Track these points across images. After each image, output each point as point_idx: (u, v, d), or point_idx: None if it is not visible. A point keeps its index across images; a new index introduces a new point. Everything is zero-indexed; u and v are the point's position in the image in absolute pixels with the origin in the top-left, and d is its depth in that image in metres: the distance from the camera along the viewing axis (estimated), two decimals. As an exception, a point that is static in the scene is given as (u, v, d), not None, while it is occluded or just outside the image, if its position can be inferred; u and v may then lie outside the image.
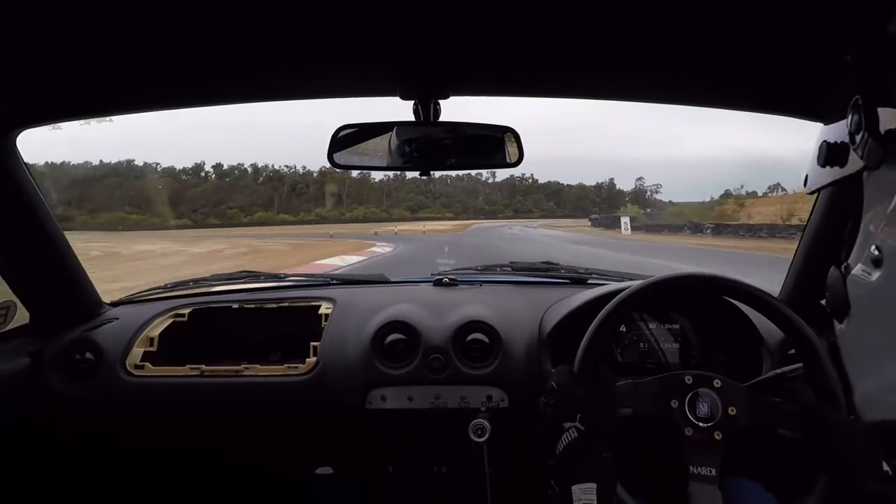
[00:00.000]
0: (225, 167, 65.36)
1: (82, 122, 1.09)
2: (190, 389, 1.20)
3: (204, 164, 64.81)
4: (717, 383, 0.86)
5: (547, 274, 1.50)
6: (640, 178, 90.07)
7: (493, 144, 0.97)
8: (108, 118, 1.06)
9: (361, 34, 0.74)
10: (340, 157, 0.95)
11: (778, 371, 0.97)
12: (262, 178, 66.30)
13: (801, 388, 0.86)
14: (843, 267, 0.45)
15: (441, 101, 0.91)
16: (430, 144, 0.95)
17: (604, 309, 0.95)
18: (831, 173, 0.52)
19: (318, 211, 60.77)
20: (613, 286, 1.18)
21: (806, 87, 0.86)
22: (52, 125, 1.03)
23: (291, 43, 0.77)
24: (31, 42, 0.72)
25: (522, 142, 0.96)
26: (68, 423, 1.24)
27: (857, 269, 0.41)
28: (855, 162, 0.46)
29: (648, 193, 78.31)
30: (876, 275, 0.38)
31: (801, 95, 0.90)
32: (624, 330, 1.19)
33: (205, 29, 0.72)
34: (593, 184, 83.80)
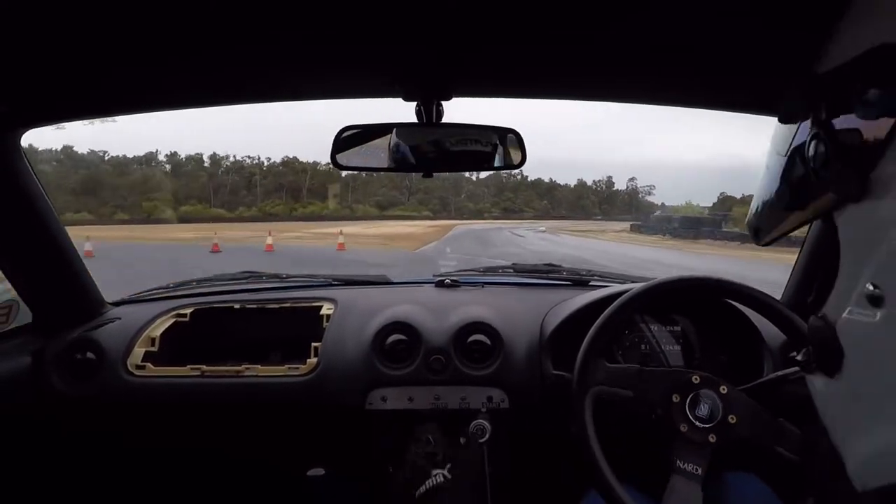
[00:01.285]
0: (182, 157, 55.92)
1: (86, 122, 1.09)
2: (191, 390, 1.20)
3: (158, 152, 55.44)
4: (723, 389, 0.85)
5: (549, 275, 1.50)
6: (632, 179, 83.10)
7: (496, 146, 0.97)
8: (111, 118, 1.06)
9: (364, 36, 0.74)
10: (343, 158, 0.95)
11: (779, 373, 0.97)
12: (222, 170, 57.00)
13: (802, 398, 0.86)
14: (820, 315, 0.39)
15: (444, 103, 0.92)
16: (433, 145, 0.95)
17: (604, 312, 0.96)
18: (797, 217, 0.45)
19: (266, 206, 52.40)
20: (615, 288, 1.18)
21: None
22: (56, 125, 1.03)
23: (294, 44, 0.78)
24: (35, 42, 0.72)
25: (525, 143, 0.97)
26: (69, 422, 1.24)
27: (850, 312, 0.36)
28: (822, 200, 0.40)
29: (641, 195, 75.07)
30: (879, 314, 0.33)
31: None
32: (625, 332, 1.19)
33: (209, 30, 0.72)
34: (591, 181, 78.00)
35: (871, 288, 0.34)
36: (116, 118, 1.08)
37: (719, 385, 0.85)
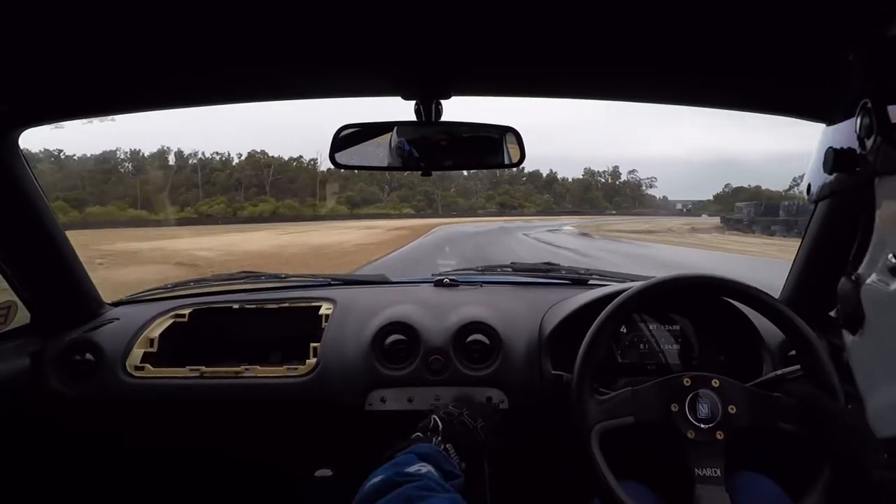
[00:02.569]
0: (146, 154, 49.20)
1: (85, 121, 1.09)
2: (190, 391, 1.20)
3: (117, 150, 48.44)
4: (715, 383, 0.86)
5: (548, 275, 1.50)
6: (632, 171, 78.87)
7: (495, 144, 0.97)
8: (110, 117, 1.06)
9: (363, 35, 0.74)
10: (342, 157, 0.95)
11: (778, 372, 0.97)
12: (188, 168, 50.01)
13: (800, 384, 0.86)
14: (853, 277, 0.43)
15: (443, 102, 0.92)
16: (432, 144, 0.95)
17: (603, 312, 0.95)
18: (838, 180, 0.50)
19: (203, 205, 44.10)
20: (614, 287, 1.18)
21: (809, 87, 0.86)
22: (55, 124, 1.03)
23: (293, 43, 0.78)
24: (34, 41, 0.72)
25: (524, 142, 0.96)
26: (68, 423, 1.23)
27: (873, 279, 0.39)
28: (865, 167, 0.44)
29: (644, 187, 70.65)
30: (894, 284, 0.37)
31: (803, 96, 0.90)
32: (624, 331, 1.19)
33: (208, 29, 0.72)
34: (601, 171, 70.41)
35: (892, 259, 0.37)
36: (115, 117, 1.08)
37: (710, 380, 0.86)
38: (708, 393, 0.85)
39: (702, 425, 0.84)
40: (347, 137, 0.95)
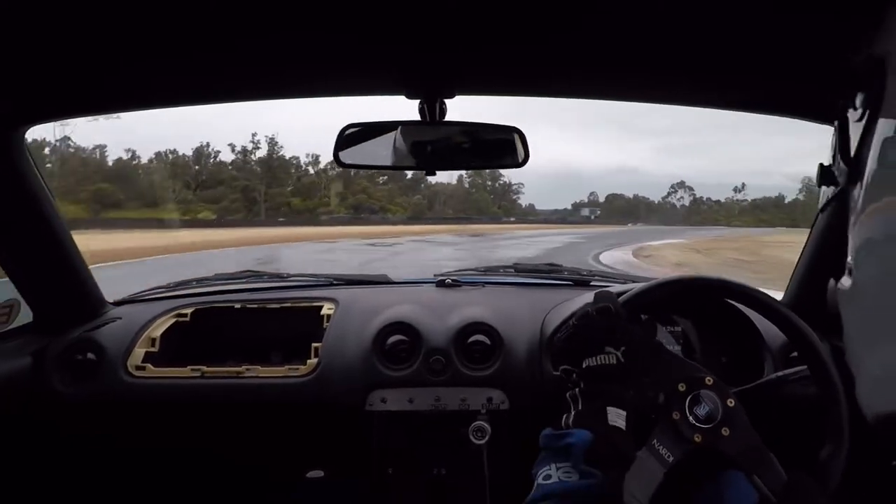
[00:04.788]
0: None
1: (90, 118, 1.09)
2: (191, 391, 1.20)
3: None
4: (730, 402, 0.84)
5: (550, 275, 1.50)
6: (501, 175, 66.15)
7: (499, 144, 0.97)
8: (115, 115, 1.06)
9: (367, 34, 0.75)
10: (346, 156, 0.95)
11: (780, 374, 0.97)
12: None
13: (802, 385, 0.86)
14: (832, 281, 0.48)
15: (447, 101, 0.92)
16: (436, 144, 0.96)
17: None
18: (827, 192, 0.55)
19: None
20: (616, 288, 1.18)
21: (811, 88, 0.86)
22: (60, 121, 1.03)
23: (297, 42, 0.78)
24: (39, 38, 0.72)
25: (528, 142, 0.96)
26: (69, 423, 1.23)
27: (842, 279, 0.45)
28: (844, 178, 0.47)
29: (514, 195, 66.36)
30: (848, 283, 0.42)
31: (806, 97, 0.90)
32: None
33: (212, 27, 0.72)
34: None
35: (850, 261, 0.42)
36: (121, 114, 1.08)
37: (727, 397, 0.83)
38: (717, 401, 0.83)
39: (690, 418, 0.82)
40: (351, 136, 0.95)
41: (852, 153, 0.43)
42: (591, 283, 1.43)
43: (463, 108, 0.94)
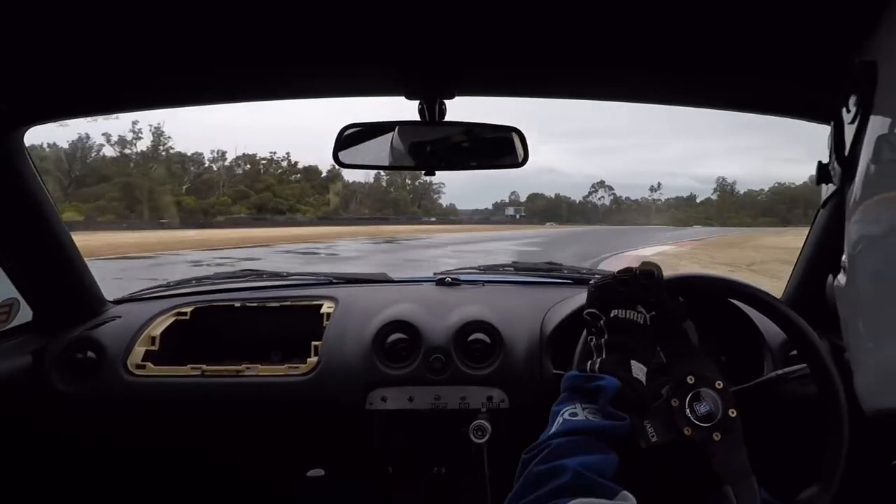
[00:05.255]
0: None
1: (89, 118, 1.08)
2: (191, 389, 1.20)
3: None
4: (718, 385, 0.85)
5: (549, 274, 1.50)
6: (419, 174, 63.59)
7: (498, 144, 0.97)
8: (114, 115, 1.06)
9: (367, 34, 0.75)
10: (345, 156, 0.95)
11: (780, 372, 0.97)
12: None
13: (801, 384, 0.86)
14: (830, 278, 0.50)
15: (446, 101, 0.92)
16: (435, 144, 0.96)
17: None
18: (826, 190, 0.55)
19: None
20: None
21: (810, 88, 0.86)
22: (59, 122, 1.03)
23: (298, 43, 0.78)
24: (38, 39, 0.72)
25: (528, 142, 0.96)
26: (69, 422, 1.23)
27: (838, 277, 0.46)
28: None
29: (435, 194, 62.45)
30: (843, 280, 0.44)
31: (804, 97, 0.90)
32: None
33: (212, 28, 0.72)
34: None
35: (844, 259, 0.43)
36: (119, 115, 1.07)
37: (730, 406, 0.79)
38: (708, 392, 0.84)
39: (701, 424, 0.83)
40: (351, 136, 0.95)
41: (846, 152, 0.44)
42: (591, 282, 1.43)
43: (462, 109, 0.94)
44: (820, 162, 0.52)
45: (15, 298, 1.20)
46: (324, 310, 1.31)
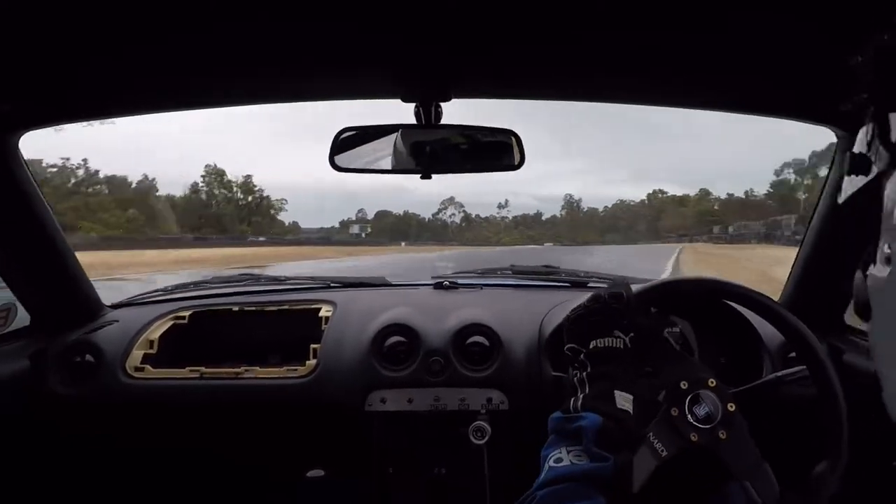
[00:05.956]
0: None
1: (85, 123, 1.09)
2: (189, 392, 1.20)
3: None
4: (731, 407, 0.84)
5: (547, 277, 1.50)
6: (259, 189, 53.23)
7: (495, 147, 0.97)
8: (110, 120, 1.05)
9: (363, 37, 0.74)
10: (342, 160, 0.95)
11: (778, 374, 0.97)
12: None
13: (800, 386, 0.86)
14: (866, 273, 0.46)
15: (443, 104, 0.92)
16: (432, 147, 0.95)
17: None
18: (855, 182, 0.51)
19: None
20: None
21: (813, 90, 0.85)
22: (55, 127, 1.03)
23: (293, 45, 0.78)
24: (33, 43, 0.72)
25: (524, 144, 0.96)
26: (67, 425, 1.23)
27: (874, 269, 0.42)
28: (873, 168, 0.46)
29: (274, 210, 54.99)
30: (886, 272, 0.40)
31: (807, 99, 0.90)
32: None
33: (209, 30, 0.72)
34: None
35: (887, 249, 0.40)
36: (115, 120, 1.08)
37: (728, 401, 0.83)
38: (718, 404, 0.83)
39: (689, 416, 0.82)
40: (347, 140, 0.95)
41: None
42: (589, 285, 1.43)
43: (457, 112, 0.94)
44: (852, 153, 0.51)
45: (12, 303, 1.20)
46: (322, 313, 1.31)
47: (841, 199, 0.55)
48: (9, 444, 1.15)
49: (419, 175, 0.98)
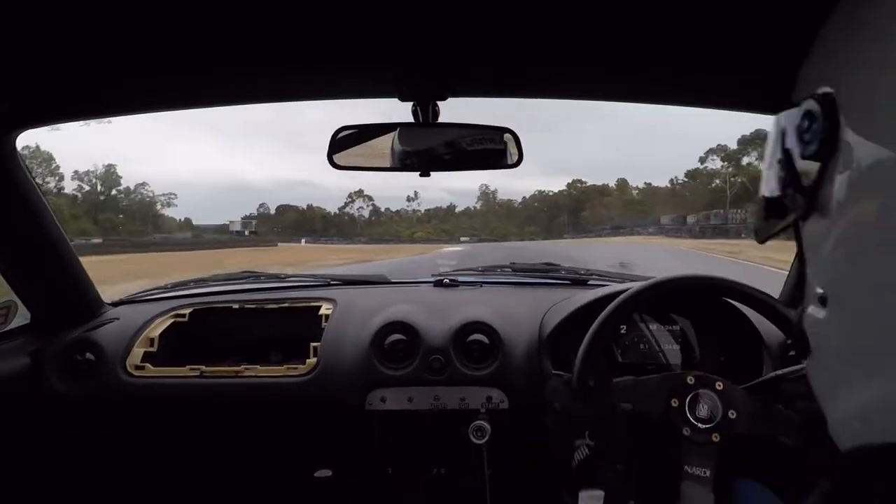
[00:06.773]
0: None
1: (82, 123, 1.08)
2: (190, 390, 1.20)
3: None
4: (719, 385, 0.86)
5: (547, 275, 1.50)
6: (142, 184, 55.07)
7: (492, 145, 0.97)
8: (107, 119, 1.05)
9: (360, 36, 0.74)
10: (340, 158, 0.95)
11: (779, 372, 0.97)
12: None
13: (800, 394, 0.86)
14: (799, 309, 0.46)
15: (440, 103, 0.91)
16: (429, 146, 0.95)
17: (603, 312, 0.95)
18: (774, 223, 0.50)
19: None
20: (614, 287, 1.18)
21: (777, 84, 0.84)
22: (52, 126, 1.03)
23: (290, 44, 0.77)
24: (31, 42, 0.72)
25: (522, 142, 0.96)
26: (68, 423, 1.24)
27: (810, 309, 0.42)
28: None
29: (160, 206, 54.67)
30: (823, 313, 0.40)
31: (769, 93, 0.88)
32: (624, 331, 1.19)
33: (205, 30, 0.72)
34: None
35: (819, 290, 0.40)
36: (112, 119, 1.07)
37: (715, 382, 0.85)
38: (710, 394, 0.85)
39: (699, 424, 0.84)
40: (345, 139, 0.95)
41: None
42: (589, 283, 1.43)
43: (454, 111, 0.94)
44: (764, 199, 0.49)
45: (12, 301, 1.20)
46: (322, 311, 1.31)
47: (759, 239, 0.53)
48: (9, 441, 1.15)
49: (418, 173, 0.98)
